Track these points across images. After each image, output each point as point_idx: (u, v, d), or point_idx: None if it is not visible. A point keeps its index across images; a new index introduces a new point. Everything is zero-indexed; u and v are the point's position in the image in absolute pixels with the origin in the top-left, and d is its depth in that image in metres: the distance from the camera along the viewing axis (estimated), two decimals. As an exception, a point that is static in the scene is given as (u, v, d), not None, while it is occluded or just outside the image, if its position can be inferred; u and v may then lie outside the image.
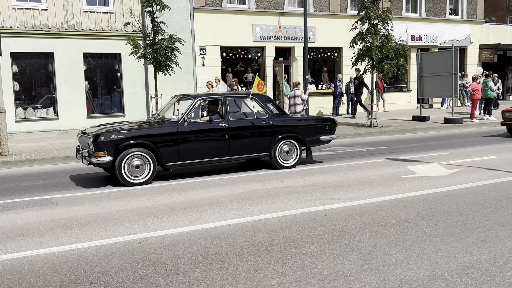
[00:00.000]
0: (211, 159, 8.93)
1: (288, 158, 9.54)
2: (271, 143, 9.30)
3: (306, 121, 9.98)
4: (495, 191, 7.01)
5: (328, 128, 9.97)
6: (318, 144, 10.00)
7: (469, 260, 4.38)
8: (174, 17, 17.70)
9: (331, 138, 10.07)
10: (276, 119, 9.41)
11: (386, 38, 15.37)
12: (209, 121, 8.94)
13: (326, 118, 10.30)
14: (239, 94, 10.54)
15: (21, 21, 16.30)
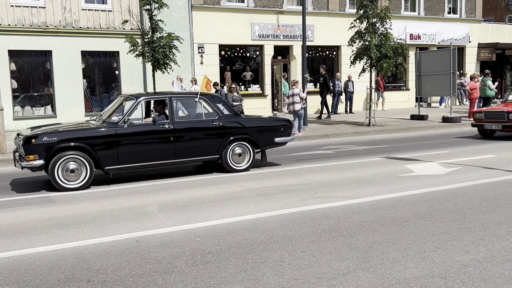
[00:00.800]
0: (154, 163, 8.49)
1: (241, 161, 9.14)
2: (221, 145, 8.91)
3: (259, 122, 9.55)
4: (493, 190, 7.02)
5: (283, 130, 9.57)
6: (273, 146, 9.63)
7: (467, 258, 4.39)
8: (172, 15, 17.67)
9: (287, 140, 9.72)
10: (227, 120, 9.00)
11: (384, 37, 15.37)
12: (153, 122, 8.52)
13: (281, 119, 9.96)
14: (186, 94, 10.00)
15: (19, 19, 16.26)
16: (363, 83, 20.08)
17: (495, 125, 12.96)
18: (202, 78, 9.64)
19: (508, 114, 12.75)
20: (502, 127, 12.85)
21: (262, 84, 20.78)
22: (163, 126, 8.51)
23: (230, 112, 9.23)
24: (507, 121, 12.75)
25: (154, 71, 13.34)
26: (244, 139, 9.14)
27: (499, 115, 12.93)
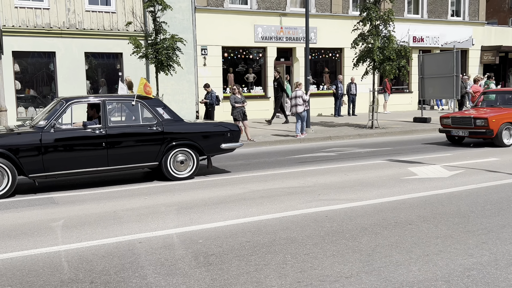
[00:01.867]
0: (85, 170, 8.04)
1: (183, 169, 8.69)
2: (160, 152, 8.44)
3: (203, 128, 9.14)
4: (496, 193, 7.00)
5: (230, 135, 9.12)
6: (219, 152, 9.18)
7: (470, 262, 4.37)
8: (176, 17, 17.70)
9: (235, 146, 9.27)
10: (167, 125, 8.51)
11: (387, 39, 15.36)
12: (83, 127, 8.08)
13: (228, 124, 9.50)
14: (122, 97, 9.36)
15: (23, 20, 16.31)
16: (365, 86, 20.08)
17: (462, 131, 12.25)
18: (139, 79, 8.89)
19: (475, 120, 11.96)
20: (469, 134, 12.13)
21: (265, 86, 20.79)
22: (94, 131, 8.04)
23: (171, 116, 8.69)
24: (474, 128, 11.98)
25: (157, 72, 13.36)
26: (186, 145, 8.67)
27: (466, 121, 12.19)
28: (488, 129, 11.76)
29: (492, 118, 11.77)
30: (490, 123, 11.71)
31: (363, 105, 22.11)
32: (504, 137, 11.96)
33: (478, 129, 11.93)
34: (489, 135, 11.83)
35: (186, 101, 19.10)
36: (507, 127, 12.02)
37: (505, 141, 11.99)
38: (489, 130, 11.75)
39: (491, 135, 11.81)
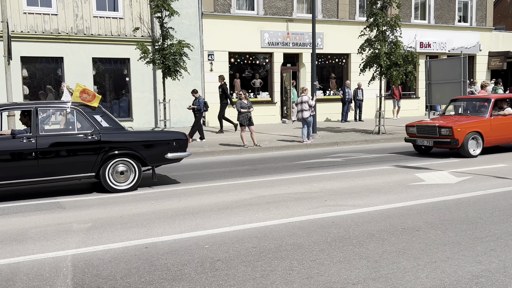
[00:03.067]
0: (13, 182, 7.59)
1: (124, 180, 8.19)
2: (96, 162, 7.95)
3: (146, 136, 8.58)
4: (504, 200, 6.94)
5: (176, 144, 8.60)
6: (165, 162, 8.69)
7: (478, 269, 4.33)
8: (183, 23, 17.78)
9: (182, 156, 8.74)
10: (105, 134, 8.02)
11: (394, 45, 15.34)
12: (11, 136, 7.63)
13: (176, 133, 8.94)
14: (56, 104, 8.90)
15: (31, 26, 16.45)
16: (372, 91, 20.04)
17: (426, 140, 11.58)
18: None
19: (440, 129, 11.30)
20: (434, 143, 11.46)
21: (271, 91, 20.81)
22: (23, 140, 7.55)
23: (111, 124, 8.18)
24: (439, 137, 11.32)
25: (164, 78, 13.41)
26: (127, 155, 8.18)
27: (430, 130, 11.58)
28: (452, 139, 11.06)
29: (457, 127, 11.10)
30: (455, 132, 11.02)
31: (370, 110, 22.07)
32: (470, 147, 11.18)
33: (443, 139, 11.25)
34: (453, 144, 11.12)
35: (192, 106, 19.13)
36: (474, 136, 11.23)
37: (471, 151, 11.20)
38: (454, 139, 11.04)
39: (456, 145, 11.10)
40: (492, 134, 11.49)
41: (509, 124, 11.78)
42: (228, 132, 16.70)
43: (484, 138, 11.37)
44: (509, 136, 11.89)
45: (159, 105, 17.32)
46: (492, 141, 11.58)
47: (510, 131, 11.82)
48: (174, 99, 17.77)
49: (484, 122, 11.49)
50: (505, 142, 12.04)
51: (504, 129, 11.74)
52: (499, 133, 11.64)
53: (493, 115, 11.67)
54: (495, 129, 11.57)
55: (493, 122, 11.55)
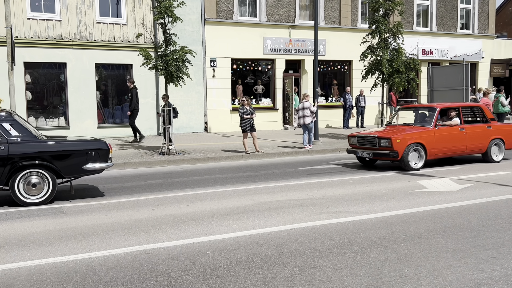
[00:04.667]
0: None
1: (36, 193, 7.65)
2: (3, 173, 7.47)
3: (60, 146, 7.98)
4: (506, 207, 6.92)
5: (95, 155, 8.03)
6: (83, 174, 8.14)
7: (481, 277, 4.32)
8: (185, 29, 17.85)
9: (102, 167, 8.15)
10: (14, 144, 7.50)
11: (396, 52, 15.37)
12: None
13: (95, 142, 8.37)
14: None
15: (35, 32, 16.52)
16: (374, 98, 20.05)
17: (366, 152, 10.90)
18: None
19: (380, 140, 10.59)
20: (373, 155, 10.77)
21: (273, 97, 20.84)
22: None
23: (22, 133, 7.67)
24: (379, 148, 10.61)
25: (166, 84, 13.42)
26: (39, 166, 7.66)
27: (370, 141, 10.89)
28: (392, 150, 10.34)
29: (396, 137, 10.39)
30: (394, 143, 10.30)
31: (372, 117, 22.07)
32: (411, 160, 10.48)
33: (382, 150, 10.53)
34: (393, 157, 10.41)
35: (195, 112, 19.19)
36: (416, 148, 10.51)
37: (412, 164, 10.48)
38: (393, 151, 10.33)
39: (395, 157, 10.39)
40: (436, 146, 10.75)
41: (454, 135, 11.02)
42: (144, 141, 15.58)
43: (427, 150, 10.63)
44: (455, 148, 11.11)
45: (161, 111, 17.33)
46: (436, 153, 10.88)
47: (455, 143, 11.05)
48: (176, 105, 17.68)
49: (428, 133, 10.76)
50: (451, 154, 11.35)
51: (449, 140, 10.96)
52: (444, 145, 10.88)
53: (438, 126, 10.95)
54: (440, 140, 10.81)
55: (437, 132, 10.82)
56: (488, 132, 11.56)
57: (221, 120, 19.47)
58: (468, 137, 11.19)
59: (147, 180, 9.96)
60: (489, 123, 11.73)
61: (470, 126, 11.45)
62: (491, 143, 11.54)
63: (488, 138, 11.50)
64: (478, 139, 11.35)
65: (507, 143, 11.82)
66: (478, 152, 11.62)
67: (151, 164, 11.95)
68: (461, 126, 11.18)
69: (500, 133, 11.76)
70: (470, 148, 11.32)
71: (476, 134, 11.35)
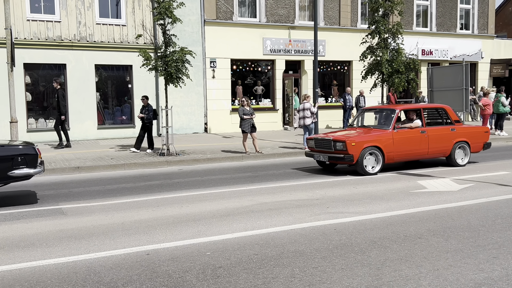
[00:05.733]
0: None
1: None
2: None
3: None
4: (507, 207, 6.92)
5: (22, 160, 7.52)
6: (8, 181, 7.65)
7: (481, 277, 4.31)
8: (185, 30, 17.86)
9: (29, 173, 7.60)
10: None
11: (396, 52, 15.36)
12: None
13: (21, 147, 7.76)
14: None
15: (34, 33, 16.53)
16: (374, 98, 20.05)
17: (323, 156, 10.40)
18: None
19: (335, 143, 10.09)
20: (329, 159, 10.29)
21: (273, 98, 20.84)
22: None
23: None
24: (334, 152, 10.13)
25: (166, 85, 13.42)
26: None
27: (326, 144, 10.41)
28: (346, 154, 9.89)
29: (351, 141, 9.91)
30: (348, 146, 9.84)
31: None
32: (367, 164, 10.02)
33: (338, 154, 10.06)
34: (348, 160, 9.95)
35: (195, 113, 19.20)
36: (372, 151, 10.03)
37: (369, 168, 10.03)
38: (348, 155, 9.87)
39: (350, 161, 9.93)
40: (394, 149, 10.25)
41: (414, 138, 10.56)
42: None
43: (385, 154, 10.14)
44: (415, 151, 10.64)
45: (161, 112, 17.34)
46: (394, 157, 10.38)
47: (416, 146, 10.57)
48: (176, 106, 17.81)
49: (385, 136, 10.26)
50: (411, 157, 10.84)
51: (409, 144, 10.47)
52: (403, 148, 10.40)
53: (397, 128, 10.46)
54: (399, 143, 10.31)
55: (396, 135, 10.31)
56: (452, 135, 11.02)
57: (221, 121, 19.48)
58: (430, 139, 10.69)
59: (147, 181, 9.96)
60: (453, 125, 11.18)
61: (432, 128, 10.93)
62: (455, 146, 11.01)
63: (452, 140, 10.97)
64: (441, 141, 10.84)
65: (473, 146, 11.30)
66: (442, 156, 11.08)
67: (151, 165, 11.95)
68: (422, 129, 10.69)
69: (465, 135, 11.22)
70: (433, 151, 10.82)
71: (439, 136, 10.84)
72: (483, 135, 11.68)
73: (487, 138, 11.73)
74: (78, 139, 17.14)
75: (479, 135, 11.60)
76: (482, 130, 11.87)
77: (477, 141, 11.47)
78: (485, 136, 11.70)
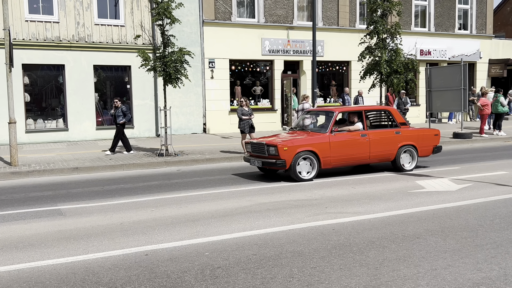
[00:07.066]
0: None
1: None
2: None
3: None
4: (505, 207, 6.94)
5: None
6: None
7: (479, 277, 4.32)
8: (184, 31, 17.86)
9: None
10: None
11: (394, 53, 15.39)
12: None
13: None
14: None
15: (33, 34, 16.52)
16: (373, 98, 20.06)
17: (257, 161, 9.86)
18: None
19: (268, 147, 9.56)
20: (262, 164, 9.75)
21: (272, 98, 20.85)
22: None
23: None
24: (268, 157, 9.59)
25: (165, 85, 13.42)
26: None
27: (260, 149, 9.86)
28: (278, 159, 9.33)
29: (283, 145, 9.35)
30: (280, 151, 9.28)
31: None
32: (301, 169, 9.51)
33: (270, 159, 9.51)
34: (280, 166, 9.37)
35: (193, 113, 19.20)
36: (306, 156, 9.48)
37: (303, 174, 9.50)
38: (280, 160, 9.31)
39: (283, 166, 9.37)
40: (331, 154, 9.70)
41: (354, 142, 9.98)
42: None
43: (321, 159, 9.59)
44: (355, 156, 10.05)
45: (160, 112, 17.33)
46: (332, 162, 9.80)
47: (356, 150, 10.00)
48: (175, 106, 17.81)
49: (321, 140, 9.70)
50: (351, 162, 10.26)
51: (348, 148, 9.91)
52: (342, 152, 9.84)
53: (335, 131, 9.90)
54: (336, 147, 9.75)
55: (333, 139, 9.75)
56: (397, 138, 10.41)
57: (220, 121, 19.48)
58: (372, 143, 10.10)
59: (146, 182, 9.96)
60: (398, 128, 10.54)
61: (374, 131, 10.33)
62: (401, 150, 10.40)
63: (396, 144, 10.36)
64: (384, 145, 10.25)
65: (420, 150, 10.69)
66: (386, 160, 10.50)
67: (149, 165, 11.95)
68: (363, 132, 10.10)
69: (412, 139, 10.60)
70: (375, 156, 10.24)
71: (382, 140, 10.25)
72: (432, 138, 11.02)
73: (437, 141, 11.07)
74: (77, 140, 17.13)
75: (427, 138, 10.94)
76: (432, 133, 11.17)
77: (425, 144, 10.81)
78: (435, 139, 11.04)
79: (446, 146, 15.64)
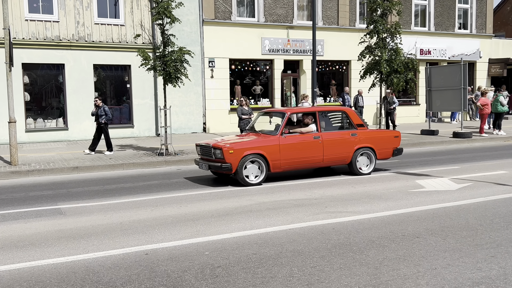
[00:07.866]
0: None
1: None
2: None
3: None
4: (505, 207, 6.94)
5: None
6: None
7: (479, 276, 4.33)
8: (184, 30, 17.86)
9: None
10: None
11: (394, 52, 15.40)
12: None
13: None
14: None
15: (33, 33, 16.52)
16: (373, 98, 20.08)
17: (205, 164, 9.41)
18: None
19: (215, 150, 9.14)
20: (209, 167, 9.33)
21: (272, 98, 20.85)
22: None
23: None
24: (214, 160, 9.18)
25: (165, 84, 13.43)
26: None
27: (207, 152, 9.49)
28: (224, 163, 8.94)
29: (229, 148, 8.95)
30: (225, 154, 8.89)
31: (371, 117, 22.10)
32: (248, 173, 9.11)
33: (216, 162, 9.14)
34: (225, 170, 8.97)
35: (193, 112, 19.21)
36: (254, 159, 9.09)
37: (251, 178, 9.13)
38: (225, 163, 8.91)
39: (228, 170, 8.98)
40: (281, 157, 9.29)
41: (306, 144, 9.55)
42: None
43: (270, 162, 9.19)
44: (307, 159, 9.60)
45: (160, 112, 17.34)
46: (282, 165, 9.38)
47: (308, 153, 9.57)
48: (175, 105, 17.82)
49: (271, 142, 9.30)
50: (303, 165, 9.78)
51: (300, 150, 9.49)
52: (293, 155, 9.43)
53: (285, 133, 9.53)
54: (287, 150, 9.34)
55: (283, 141, 9.34)
56: (353, 140, 9.99)
57: (220, 120, 19.49)
58: (325, 146, 9.68)
59: (146, 181, 9.96)
60: (355, 130, 10.07)
61: (328, 133, 9.86)
62: (357, 153, 10.01)
63: (352, 147, 9.96)
64: (339, 148, 9.84)
65: (378, 153, 10.28)
66: (341, 163, 10.08)
67: (149, 165, 11.95)
68: (316, 134, 9.69)
69: (369, 141, 10.16)
70: (329, 159, 9.80)
71: (336, 142, 9.83)
72: (391, 140, 10.58)
73: (398, 144, 10.66)
74: (77, 139, 17.13)
75: (386, 141, 10.51)
76: (391, 135, 10.76)
77: (384, 147, 10.40)
78: (395, 141, 10.61)
79: (446, 145, 15.66)
